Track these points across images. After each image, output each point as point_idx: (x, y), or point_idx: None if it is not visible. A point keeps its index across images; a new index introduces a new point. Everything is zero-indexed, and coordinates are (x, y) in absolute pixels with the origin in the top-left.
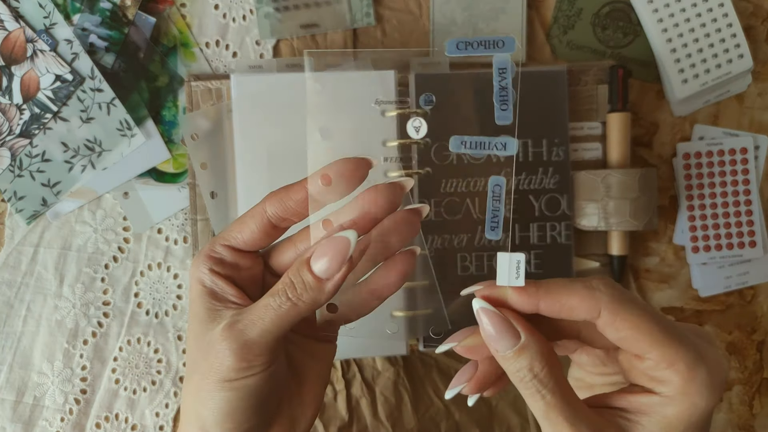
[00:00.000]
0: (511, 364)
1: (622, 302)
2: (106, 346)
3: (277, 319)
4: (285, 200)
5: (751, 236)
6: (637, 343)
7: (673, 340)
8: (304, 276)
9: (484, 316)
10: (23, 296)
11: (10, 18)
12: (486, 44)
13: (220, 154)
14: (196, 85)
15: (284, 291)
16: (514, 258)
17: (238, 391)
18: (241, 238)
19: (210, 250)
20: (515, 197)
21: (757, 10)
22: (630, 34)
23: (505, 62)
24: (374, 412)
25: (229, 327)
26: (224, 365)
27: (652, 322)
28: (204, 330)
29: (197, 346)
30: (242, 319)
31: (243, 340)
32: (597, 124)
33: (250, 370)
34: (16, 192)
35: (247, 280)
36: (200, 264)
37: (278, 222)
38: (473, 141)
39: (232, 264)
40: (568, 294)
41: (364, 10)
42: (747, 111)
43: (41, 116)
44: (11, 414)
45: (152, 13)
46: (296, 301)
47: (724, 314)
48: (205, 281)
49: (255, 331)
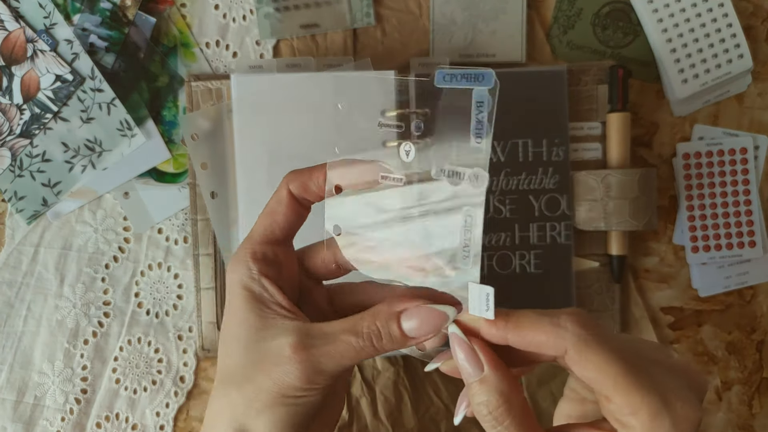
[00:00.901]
0: (474, 395)
1: (587, 343)
2: (106, 346)
3: (355, 360)
4: (307, 182)
5: (751, 236)
6: (601, 385)
7: (638, 386)
8: (392, 330)
9: (455, 342)
10: (24, 296)
11: (11, 18)
12: (468, 77)
13: (220, 154)
14: (197, 86)
15: (369, 337)
16: (484, 290)
17: (297, 407)
18: (276, 227)
19: (251, 250)
20: (514, 197)
21: (757, 10)
22: (630, 34)
23: (482, 96)
24: (374, 412)
25: (302, 349)
26: (290, 384)
27: (619, 365)
28: (257, 338)
29: (246, 356)
30: (316, 345)
31: (318, 369)
32: (597, 124)
33: (313, 392)
34: (17, 192)
35: (288, 281)
36: (244, 267)
37: (304, 202)
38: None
39: (275, 262)
40: (535, 330)
41: (364, 10)
42: (747, 111)
43: (41, 116)
44: (12, 414)
45: (152, 13)
46: (380, 350)
47: (724, 314)
48: (253, 287)
49: (331, 363)
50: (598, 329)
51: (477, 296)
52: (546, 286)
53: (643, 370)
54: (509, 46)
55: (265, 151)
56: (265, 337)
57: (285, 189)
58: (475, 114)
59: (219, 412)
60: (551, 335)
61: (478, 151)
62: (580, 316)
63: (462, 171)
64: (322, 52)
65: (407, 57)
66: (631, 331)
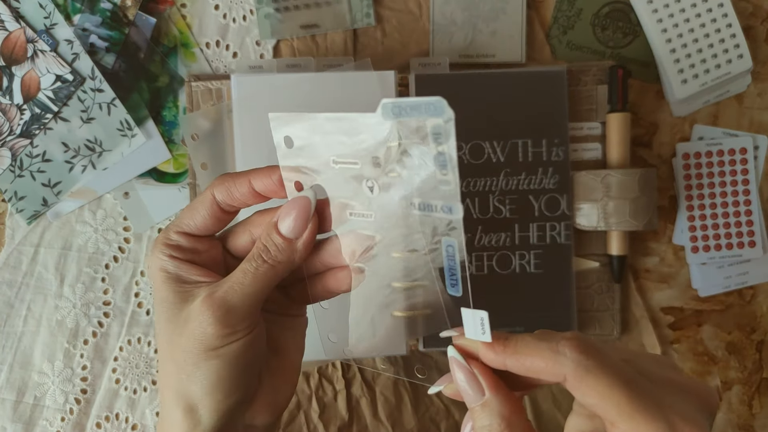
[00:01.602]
0: (476, 418)
1: (587, 369)
2: (106, 346)
3: (256, 282)
4: (231, 190)
5: (751, 236)
6: (604, 413)
7: (642, 411)
8: (274, 238)
9: (455, 366)
10: (24, 296)
11: (11, 18)
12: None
13: (220, 155)
14: (197, 86)
15: (259, 255)
16: (478, 315)
17: (223, 358)
18: (194, 224)
19: (165, 238)
20: (514, 197)
21: (757, 10)
22: (630, 34)
23: (438, 128)
24: (374, 412)
25: (209, 297)
26: (207, 333)
27: (621, 390)
28: (176, 311)
29: (171, 329)
30: (220, 287)
31: (226, 307)
32: (597, 124)
33: (234, 336)
34: (17, 192)
35: (208, 262)
36: (159, 252)
37: (227, 208)
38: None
39: (191, 249)
40: (534, 356)
41: (364, 10)
42: (746, 111)
43: (42, 116)
44: (12, 414)
45: (152, 14)
46: (272, 262)
47: (724, 314)
48: (168, 268)
49: (236, 296)
50: (598, 354)
51: (471, 321)
52: (546, 287)
53: (647, 393)
54: (509, 46)
55: (265, 152)
56: (182, 308)
57: (209, 192)
58: (435, 146)
59: (162, 388)
60: (549, 361)
61: (446, 183)
62: (579, 340)
63: (434, 203)
64: (322, 52)
65: (407, 57)
66: (632, 331)
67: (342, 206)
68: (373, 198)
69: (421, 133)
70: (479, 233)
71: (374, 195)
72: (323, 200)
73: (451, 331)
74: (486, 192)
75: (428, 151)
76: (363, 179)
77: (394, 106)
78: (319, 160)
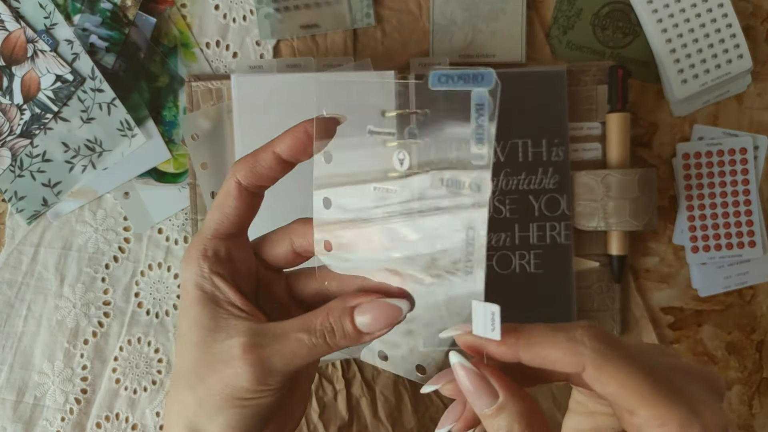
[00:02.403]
0: (490, 423)
1: (607, 357)
2: (106, 346)
3: (309, 357)
4: (255, 167)
5: (751, 236)
6: (625, 400)
7: (665, 397)
8: (346, 326)
9: (461, 371)
10: (24, 296)
11: (11, 18)
12: (466, 78)
13: (220, 155)
14: (197, 86)
15: (323, 333)
16: (489, 309)
17: (249, 409)
18: (227, 221)
19: (202, 248)
20: (514, 197)
21: (757, 10)
22: (630, 34)
23: (482, 98)
24: (374, 412)
25: (252, 349)
26: (241, 386)
27: (642, 378)
28: (209, 340)
29: (199, 358)
30: (267, 344)
31: (268, 368)
32: (596, 124)
33: (267, 392)
34: (17, 192)
35: (243, 275)
36: (195, 265)
37: (255, 189)
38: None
39: (228, 258)
40: (550, 347)
41: (364, 10)
42: (746, 111)
43: (42, 116)
44: (12, 414)
45: (153, 14)
46: (333, 345)
47: (724, 314)
48: (205, 286)
49: (282, 362)
50: (617, 343)
51: (482, 315)
52: (546, 286)
53: (666, 380)
54: (509, 46)
55: None
56: (216, 339)
57: (233, 179)
58: (475, 118)
59: (174, 413)
60: (567, 351)
61: (480, 157)
62: (596, 329)
63: (462, 179)
64: (322, 52)
65: (407, 57)
66: (632, 331)
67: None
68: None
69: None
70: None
71: (404, 168)
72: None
73: (452, 330)
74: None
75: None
76: (395, 150)
77: (441, 75)
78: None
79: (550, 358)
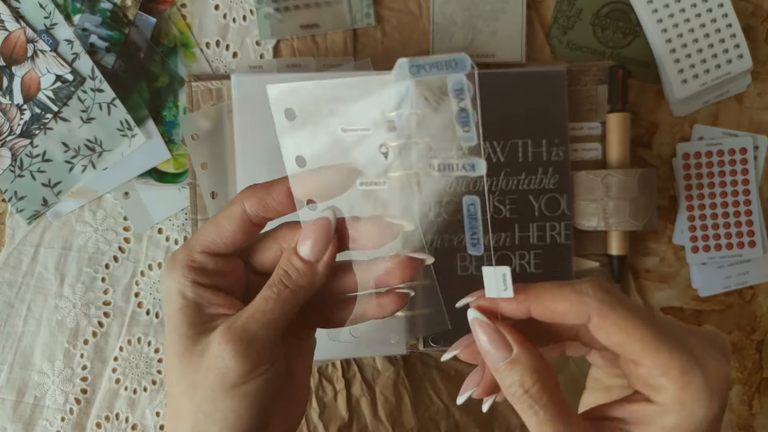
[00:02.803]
0: (504, 378)
1: (612, 306)
2: (106, 346)
3: (278, 309)
4: (266, 200)
5: (751, 236)
6: (629, 349)
7: (666, 345)
8: (295, 262)
9: (478, 327)
10: (24, 296)
11: (11, 18)
12: (439, 66)
13: (220, 155)
14: (197, 86)
15: (280, 281)
16: (500, 271)
17: (246, 397)
18: (221, 242)
19: (188, 258)
20: (514, 197)
21: (757, 10)
22: (630, 34)
23: (460, 83)
24: (374, 412)
25: (229, 329)
26: (229, 370)
27: (645, 326)
28: (190, 345)
29: (185, 364)
30: (240, 318)
31: (248, 338)
32: (596, 124)
33: (256, 371)
34: (17, 192)
35: (232, 284)
36: (179, 275)
37: (259, 221)
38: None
39: (215, 271)
40: (557, 299)
41: (364, 10)
42: (746, 111)
43: (42, 116)
44: (12, 414)
45: (153, 14)
46: (294, 287)
47: (724, 314)
48: (188, 294)
49: (257, 325)
50: (620, 294)
51: (493, 278)
52: None
53: (668, 329)
54: (509, 46)
55: (265, 151)
56: (200, 341)
57: (239, 206)
58: (456, 103)
59: (178, 423)
60: (574, 302)
61: (469, 139)
62: (601, 283)
63: (454, 162)
64: (322, 52)
65: (407, 57)
66: None
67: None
68: (388, 164)
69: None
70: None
71: (389, 161)
72: (341, 219)
73: (467, 298)
74: (485, 192)
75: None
76: (376, 145)
77: (411, 66)
78: (326, 130)
79: (559, 310)
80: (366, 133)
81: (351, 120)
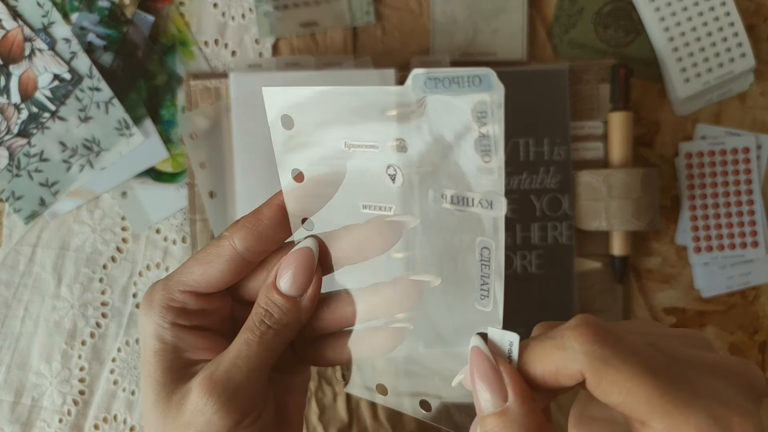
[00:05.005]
0: (486, 424)
1: (605, 360)
2: (104, 347)
3: (262, 352)
4: (257, 226)
5: (754, 236)
6: (633, 410)
7: (678, 404)
8: (275, 299)
9: (476, 358)
10: (21, 296)
11: (8, 17)
12: (459, 82)
13: (218, 154)
14: (195, 84)
15: (261, 321)
16: (506, 338)
17: None
18: (205, 282)
19: (168, 297)
20: (515, 197)
21: (759, 8)
22: (632, 32)
23: (483, 105)
24: (374, 414)
25: (209, 379)
26: (213, 425)
27: (649, 381)
28: (168, 395)
29: (161, 418)
30: (221, 365)
31: (231, 389)
32: (598, 123)
33: (243, 423)
34: (14, 192)
35: (215, 323)
36: (157, 315)
37: (252, 256)
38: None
39: (197, 311)
40: (544, 361)
41: (364, 8)
42: (749, 110)
43: (39, 115)
44: (9, 415)
45: (151, 12)
46: (278, 327)
47: (726, 315)
48: (166, 337)
49: (241, 373)
50: (615, 341)
51: (498, 343)
52: (548, 287)
53: (680, 380)
54: (510, 44)
55: (263, 151)
56: (174, 389)
57: (228, 242)
58: (477, 127)
59: None
60: (560, 362)
61: (489, 171)
62: (587, 327)
63: (470, 196)
64: (321, 50)
65: (408, 56)
66: None
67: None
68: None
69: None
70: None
71: (396, 185)
72: (323, 247)
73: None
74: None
75: (468, 133)
76: (383, 165)
77: (428, 79)
78: (327, 143)
79: (548, 371)
80: (373, 151)
81: (355, 134)
